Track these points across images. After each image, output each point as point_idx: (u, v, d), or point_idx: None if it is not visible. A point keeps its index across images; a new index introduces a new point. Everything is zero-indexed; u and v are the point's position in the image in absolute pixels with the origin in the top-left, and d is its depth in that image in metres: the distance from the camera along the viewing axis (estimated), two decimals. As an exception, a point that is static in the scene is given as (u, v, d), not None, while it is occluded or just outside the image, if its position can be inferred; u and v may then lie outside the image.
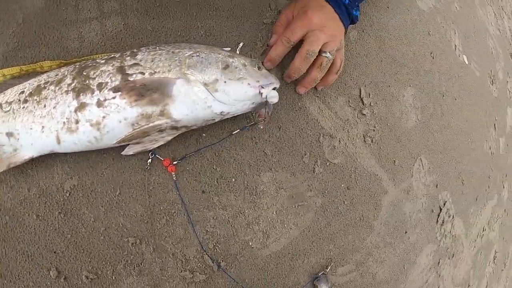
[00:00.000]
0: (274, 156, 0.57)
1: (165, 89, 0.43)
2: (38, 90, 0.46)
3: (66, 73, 0.46)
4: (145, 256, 0.48)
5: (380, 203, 0.68)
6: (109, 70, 0.44)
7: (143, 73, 0.43)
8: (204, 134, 0.52)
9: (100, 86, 0.43)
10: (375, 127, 0.68)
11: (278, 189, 0.57)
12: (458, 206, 0.85)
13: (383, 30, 0.74)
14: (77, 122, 0.43)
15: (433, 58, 0.82)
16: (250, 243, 0.55)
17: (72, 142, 0.45)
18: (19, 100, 0.46)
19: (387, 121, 0.70)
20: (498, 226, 1.03)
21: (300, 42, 0.54)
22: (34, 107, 0.45)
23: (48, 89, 0.45)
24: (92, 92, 0.43)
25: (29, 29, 0.52)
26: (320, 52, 0.54)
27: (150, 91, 0.42)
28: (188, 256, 0.49)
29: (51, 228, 0.49)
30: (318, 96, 0.63)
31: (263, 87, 0.45)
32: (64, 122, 0.44)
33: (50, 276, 0.49)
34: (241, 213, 0.54)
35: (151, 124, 0.43)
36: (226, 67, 0.44)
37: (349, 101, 0.66)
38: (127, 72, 0.43)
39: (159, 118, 0.43)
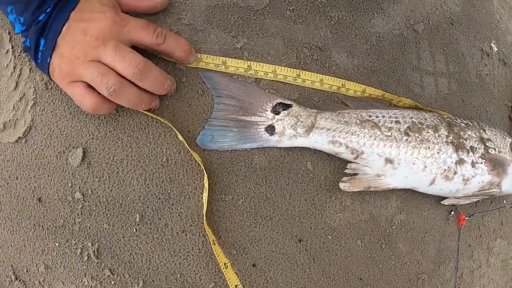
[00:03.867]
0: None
1: (505, 167, 0.54)
2: (417, 128, 0.49)
3: (437, 123, 0.50)
4: (423, 292, 0.55)
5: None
6: (474, 137, 0.52)
7: (495, 149, 0.53)
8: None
9: (472, 150, 0.51)
10: None
11: None
12: None
13: None
14: (455, 173, 0.49)
15: None
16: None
17: (440, 188, 0.49)
18: (399, 130, 0.48)
19: None
20: None
21: None
22: (418, 144, 0.48)
23: (428, 132, 0.49)
24: (468, 153, 0.50)
25: (382, 52, 0.53)
26: None
27: (499, 166, 0.53)
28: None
29: (367, 255, 0.50)
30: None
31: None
32: (445, 169, 0.49)
33: (348, 300, 0.49)
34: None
35: (489, 191, 0.53)
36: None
37: None
38: (486, 144, 0.52)
39: (495, 187, 0.53)
